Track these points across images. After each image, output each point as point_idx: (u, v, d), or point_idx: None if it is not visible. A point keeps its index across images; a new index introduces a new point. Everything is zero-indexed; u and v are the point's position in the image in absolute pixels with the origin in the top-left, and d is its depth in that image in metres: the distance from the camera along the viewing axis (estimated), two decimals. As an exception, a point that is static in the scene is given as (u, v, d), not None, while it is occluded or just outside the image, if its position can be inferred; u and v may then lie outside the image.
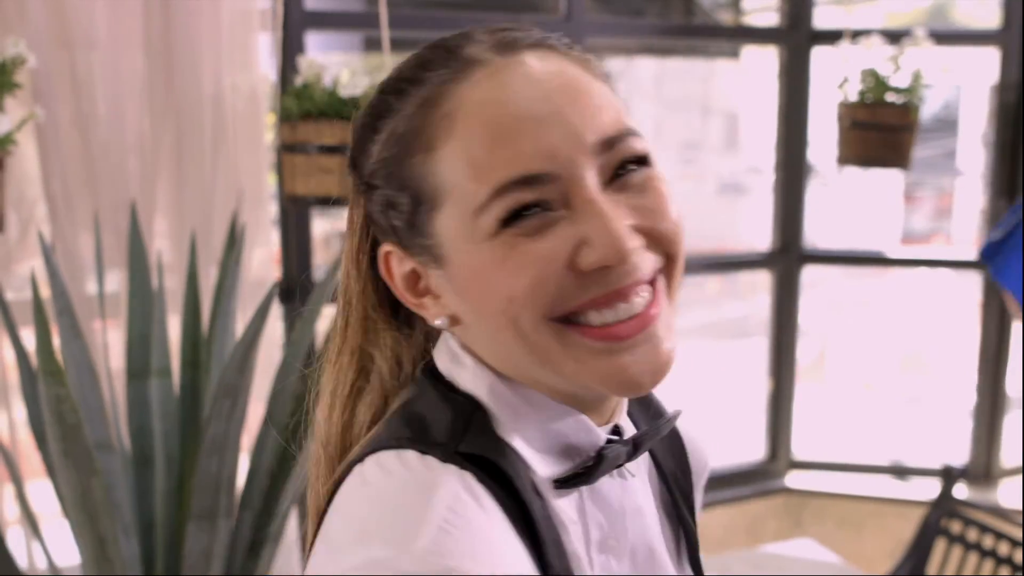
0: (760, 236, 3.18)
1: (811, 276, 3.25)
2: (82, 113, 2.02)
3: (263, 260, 2.29)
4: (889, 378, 6.01)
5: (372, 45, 2.55)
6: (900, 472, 3.12)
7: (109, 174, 2.05)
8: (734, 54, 4.78)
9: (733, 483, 3.04)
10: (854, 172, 2.87)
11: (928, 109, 2.62)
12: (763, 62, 4.83)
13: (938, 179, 9.06)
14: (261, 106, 2.21)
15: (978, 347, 3.02)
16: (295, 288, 2.38)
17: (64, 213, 2.04)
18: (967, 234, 8.11)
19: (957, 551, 2.12)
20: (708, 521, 2.93)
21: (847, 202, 7.21)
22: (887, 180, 7.48)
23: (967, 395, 3.12)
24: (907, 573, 2.11)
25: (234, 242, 1.89)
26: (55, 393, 1.47)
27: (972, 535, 2.09)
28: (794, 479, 3.08)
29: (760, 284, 3.90)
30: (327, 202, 2.06)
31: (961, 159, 8.75)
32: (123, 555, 1.68)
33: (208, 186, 2.14)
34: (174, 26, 2.07)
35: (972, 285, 3.05)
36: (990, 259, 2.59)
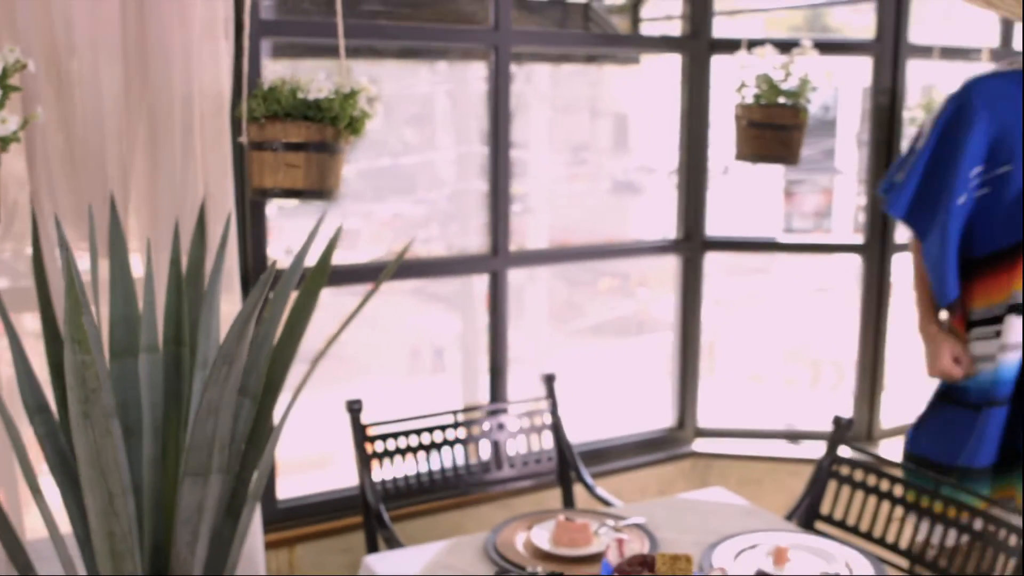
0: (654, 230, 3.49)
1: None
2: (64, 113, 2.20)
3: (229, 248, 2.49)
4: (776, 364, 6.44)
5: (315, 52, 2.77)
6: (792, 436, 3.47)
7: (89, 169, 2.24)
8: (634, 60, 5.08)
9: (646, 450, 3.35)
10: (748, 168, 3.22)
11: (810, 111, 2.97)
12: (660, 67, 5.16)
13: (818, 177, 9.61)
14: (224, 107, 2.41)
15: (858, 325, 3.39)
16: (260, 272, 2.59)
17: (47, 205, 2.22)
18: (846, 229, 8.63)
19: (846, 490, 2.45)
20: (624, 483, 3.24)
21: (740, 196, 7.63)
22: (773, 177, 7.95)
23: (850, 371, 3.50)
24: (804, 509, 2.43)
25: (225, 233, 2.10)
26: (80, 359, 1.67)
27: (859, 476, 2.42)
28: (700, 445, 3.41)
29: (652, 279, 4.24)
30: (293, 194, 2.28)
31: (839, 158, 9.30)
32: (127, 510, 1.88)
33: (178, 180, 2.34)
34: (148, 35, 2.26)
35: (855, 269, 3.41)
36: (887, 192, 2.62)
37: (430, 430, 2.70)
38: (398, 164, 3.65)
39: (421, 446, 2.68)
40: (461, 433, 2.74)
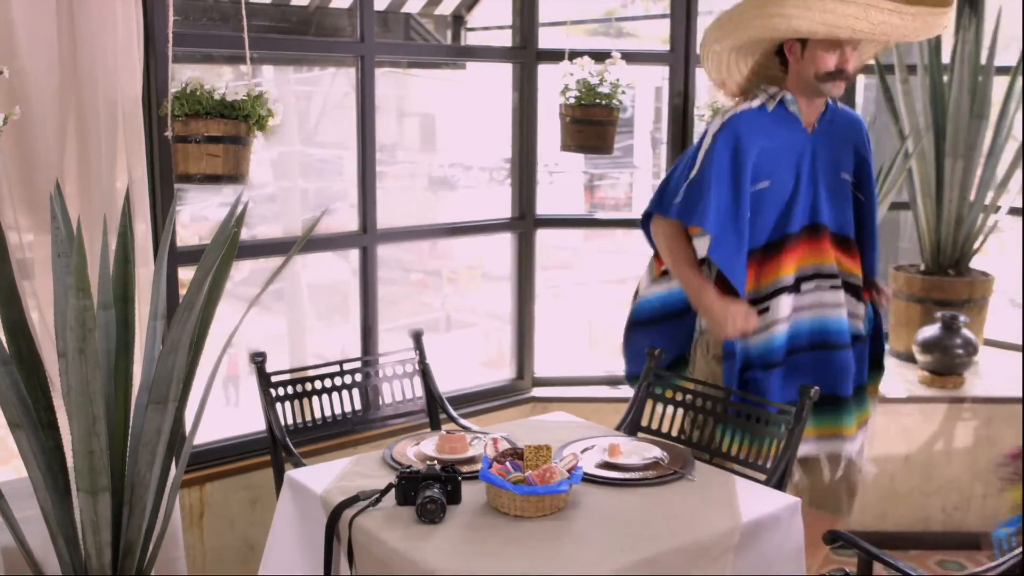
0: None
1: (504, 269, 4.19)
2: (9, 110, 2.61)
3: (143, 229, 2.93)
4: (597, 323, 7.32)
5: (209, 59, 3.22)
6: (613, 382, 4.15)
7: (32, 161, 2.65)
8: (461, 66, 5.69)
9: (493, 397, 3.96)
10: (571, 157, 3.87)
11: (620, 109, 3.66)
12: (485, 73, 5.78)
13: (618, 173, 10.52)
14: (139, 107, 2.86)
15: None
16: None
17: (5, 191, 2.62)
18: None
19: (660, 407, 3.11)
20: (477, 425, 3.83)
21: (560, 185, 8.46)
22: (579, 175, 8.80)
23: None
24: (629, 422, 3.08)
25: (172, 211, 2.56)
26: (83, 303, 2.12)
27: (668, 394, 3.09)
28: (537, 391, 4.05)
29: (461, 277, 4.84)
30: (214, 179, 2.76)
31: (637, 155, 10.23)
32: (104, 432, 2.33)
33: (105, 169, 2.77)
34: (78, 44, 2.69)
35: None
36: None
37: (320, 378, 3.21)
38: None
39: (314, 391, 3.18)
40: (348, 380, 3.26)
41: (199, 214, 6.60)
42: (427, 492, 2.35)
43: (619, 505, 2.46)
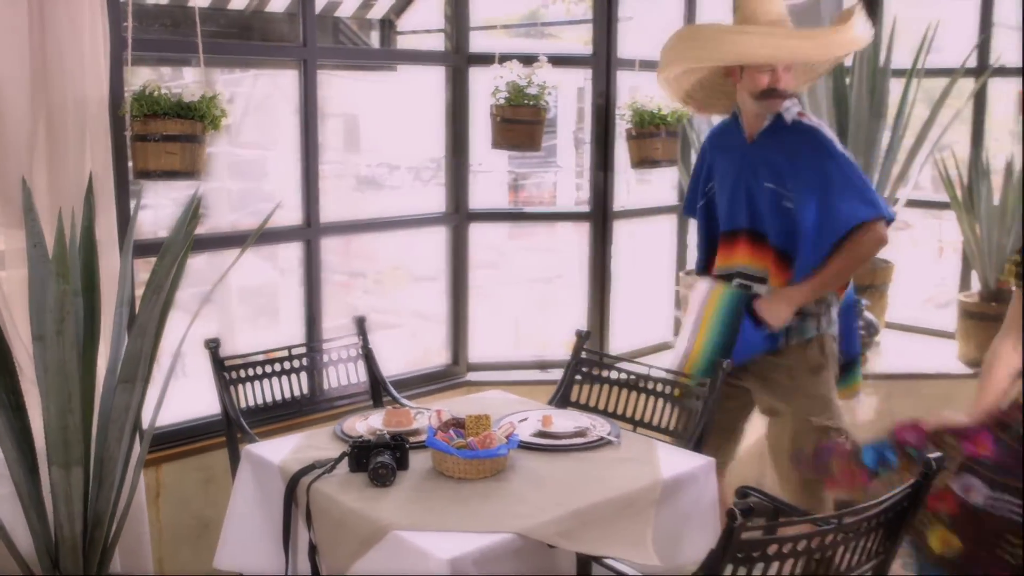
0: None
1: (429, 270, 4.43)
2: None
3: (106, 221, 3.11)
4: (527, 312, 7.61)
5: (165, 61, 3.40)
6: (543, 366, 4.42)
7: (2, 157, 2.82)
8: (392, 68, 5.91)
9: (431, 381, 4.19)
10: (496, 157, 4.12)
11: (546, 109, 3.92)
12: (413, 76, 6.00)
13: (542, 171, 10.83)
14: (104, 107, 3.03)
15: (587, 274, 4.39)
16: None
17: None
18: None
19: (587, 382, 3.39)
20: (416, 408, 4.06)
21: (485, 184, 8.74)
22: (504, 175, 9.08)
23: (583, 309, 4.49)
24: (559, 397, 3.35)
25: (136, 207, 2.75)
26: (63, 288, 2.31)
27: (596, 372, 3.36)
28: (472, 375, 4.29)
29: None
30: (172, 175, 2.96)
31: (560, 155, 10.54)
32: (79, 408, 2.51)
33: (72, 165, 2.94)
34: (47, 49, 2.86)
35: (583, 233, 4.42)
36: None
37: (270, 362, 3.42)
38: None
39: (264, 375, 3.38)
40: (295, 364, 3.47)
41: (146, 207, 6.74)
42: (378, 459, 2.58)
43: (552, 468, 2.72)
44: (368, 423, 2.99)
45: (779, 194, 3.31)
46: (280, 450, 2.84)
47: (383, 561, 2.35)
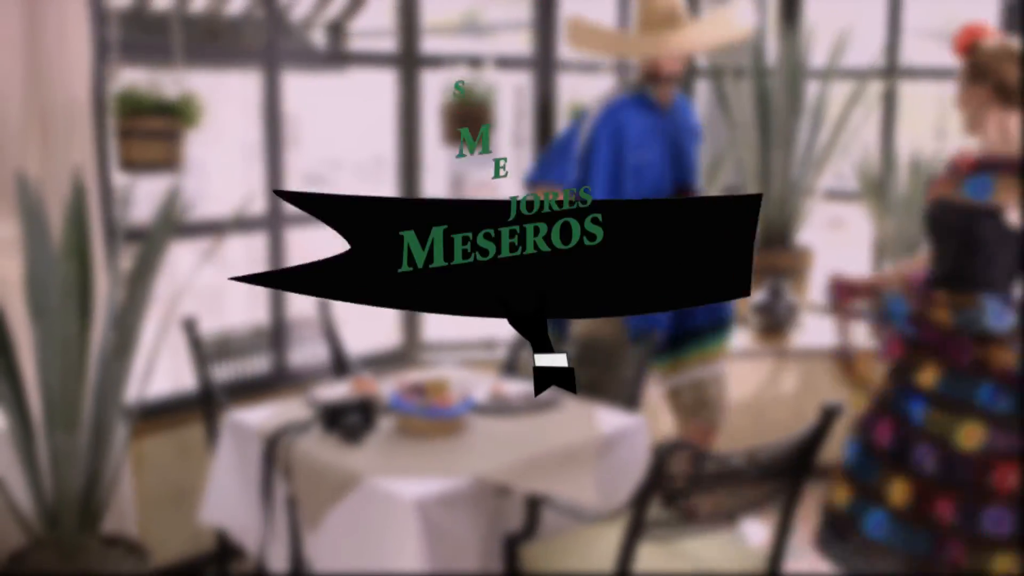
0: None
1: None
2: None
3: (94, 210, 3.38)
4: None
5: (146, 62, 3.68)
6: (489, 345, 4.75)
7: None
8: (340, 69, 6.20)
9: (387, 361, 4.51)
10: (438, 156, 4.44)
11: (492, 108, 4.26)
12: (357, 76, 6.27)
13: (480, 170, 11.19)
14: (91, 105, 3.30)
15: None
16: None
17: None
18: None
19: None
20: (374, 385, 4.36)
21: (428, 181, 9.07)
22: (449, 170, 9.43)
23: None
24: (507, 369, 3.70)
25: (121, 200, 3.03)
26: (68, 266, 2.59)
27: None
28: (425, 355, 4.62)
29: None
30: (154, 167, 3.24)
31: (500, 152, 10.90)
32: (80, 378, 2.80)
33: (64, 159, 3.22)
34: (41, 53, 3.13)
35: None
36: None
37: (239, 340, 3.71)
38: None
39: (233, 351, 3.68)
40: (263, 342, 3.77)
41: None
42: (349, 418, 2.90)
43: (503, 427, 3.06)
44: (336, 391, 3.30)
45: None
46: (257, 416, 3.14)
47: (357, 505, 2.67)
